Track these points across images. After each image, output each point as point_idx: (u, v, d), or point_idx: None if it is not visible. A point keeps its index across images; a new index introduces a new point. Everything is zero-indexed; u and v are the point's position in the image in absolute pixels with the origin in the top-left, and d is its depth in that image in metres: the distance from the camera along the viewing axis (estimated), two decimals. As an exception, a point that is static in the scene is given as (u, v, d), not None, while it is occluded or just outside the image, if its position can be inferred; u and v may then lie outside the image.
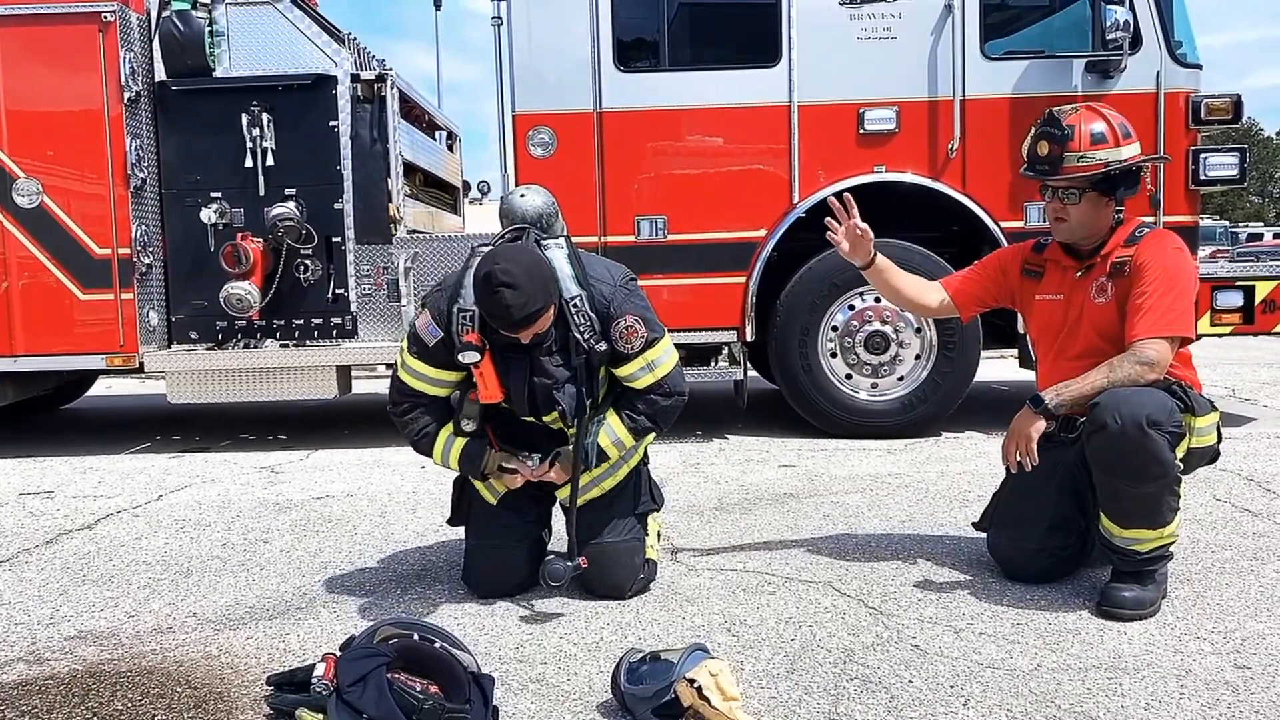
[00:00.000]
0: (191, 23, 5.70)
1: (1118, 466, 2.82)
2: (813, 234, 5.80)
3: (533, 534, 3.22)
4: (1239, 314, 5.72)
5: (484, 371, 2.91)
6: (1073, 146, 3.03)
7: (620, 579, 3.08)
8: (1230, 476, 4.44)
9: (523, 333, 2.82)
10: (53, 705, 2.44)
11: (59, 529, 4.17)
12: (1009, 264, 3.38)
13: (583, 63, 5.68)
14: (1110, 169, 3.02)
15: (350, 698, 2.14)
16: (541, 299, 2.77)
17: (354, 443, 6.02)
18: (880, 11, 5.65)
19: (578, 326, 2.91)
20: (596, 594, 3.08)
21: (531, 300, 2.73)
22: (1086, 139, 3.03)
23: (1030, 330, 3.36)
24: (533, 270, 2.78)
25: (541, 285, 2.78)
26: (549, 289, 2.81)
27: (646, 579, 3.15)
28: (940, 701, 2.33)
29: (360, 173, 5.83)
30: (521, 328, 2.78)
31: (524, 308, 2.72)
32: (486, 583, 3.15)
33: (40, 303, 5.70)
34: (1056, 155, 3.05)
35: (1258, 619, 2.80)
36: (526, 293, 2.72)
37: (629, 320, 2.95)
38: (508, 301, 2.70)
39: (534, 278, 2.76)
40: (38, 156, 5.65)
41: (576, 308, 2.91)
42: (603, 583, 3.08)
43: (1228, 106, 5.64)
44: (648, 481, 3.24)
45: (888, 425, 5.77)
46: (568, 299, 2.91)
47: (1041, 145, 3.10)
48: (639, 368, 3.01)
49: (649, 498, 3.22)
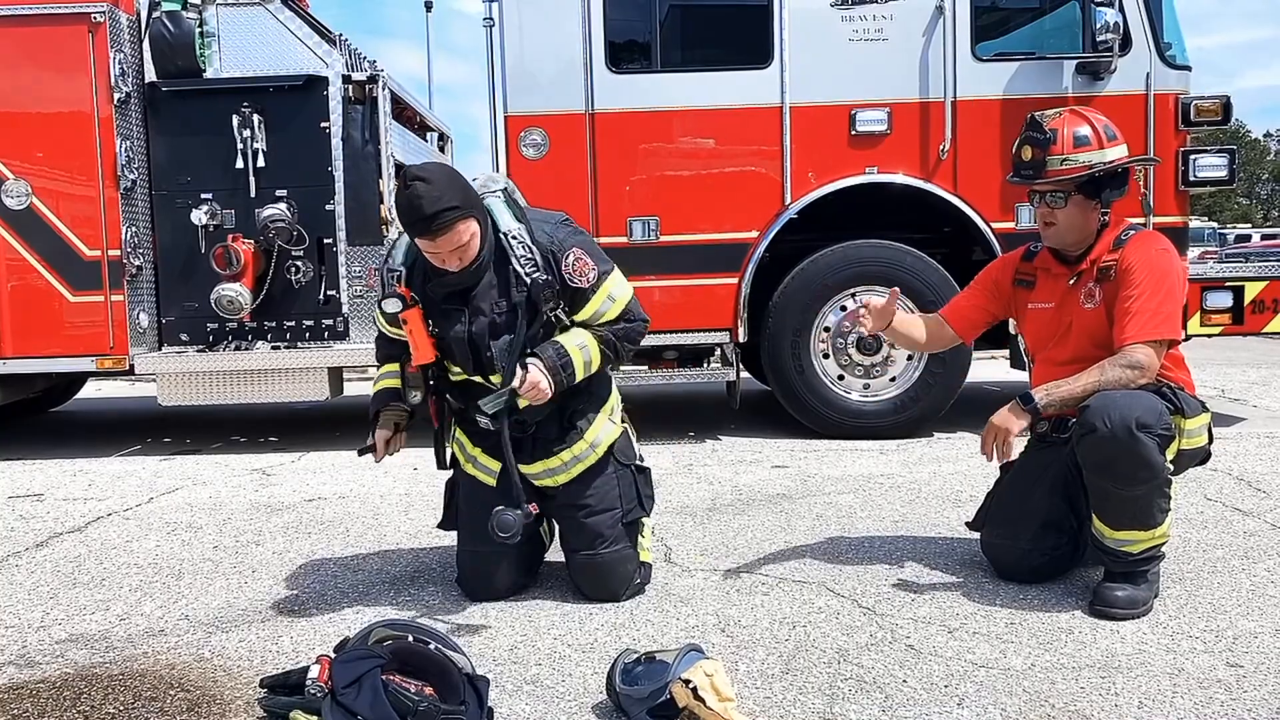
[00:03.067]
0: (182, 23, 5.69)
1: (1108, 469, 2.83)
2: (805, 235, 5.85)
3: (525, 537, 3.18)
4: (1229, 314, 5.76)
5: (413, 328, 2.90)
6: (1055, 150, 3.03)
7: (614, 587, 3.08)
8: (1221, 476, 4.47)
9: (439, 241, 2.73)
10: (44, 709, 2.43)
11: (49, 532, 4.15)
12: (1001, 276, 3.38)
13: (574, 64, 5.68)
14: (1094, 171, 3.02)
15: (345, 699, 2.14)
16: (457, 199, 2.72)
17: (346, 444, 6.00)
18: (872, 13, 5.66)
19: (518, 258, 2.86)
20: (592, 599, 3.08)
21: (445, 196, 2.68)
22: (1069, 142, 3.03)
23: (1024, 337, 3.37)
24: (452, 176, 2.78)
25: (459, 190, 2.75)
26: (469, 197, 2.78)
27: (642, 583, 3.14)
28: (934, 701, 2.34)
29: (352, 174, 5.82)
30: (435, 230, 2.70)
31: (436, 202, 2.66)
32: (478, 587, 3.14)
33: (29, 305, 5.68)
34: (1040, 159, 3.06)
35: (1249, 617, 2.81)
36: (439, 188, 2.68)
37: (577, 253, 2.91)
38: (419, 193, 2.66)
39: (452, 182, 2.75)
40: (27, 158, 5.63)
41: (516, 238, 2.88)
42: (598, 591, 3.08)
43: (1217, 108, 5.67)
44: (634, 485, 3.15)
45: (880, 426, 5.78)
46: (505, 232, 2.88)
47: (1025, 150, 3.10)
48: (601, 302, 2.95)
49: (638, 506, 3.15)
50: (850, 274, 5.73)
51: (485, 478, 3.14)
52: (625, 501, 3.13)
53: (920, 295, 5.69)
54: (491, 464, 3.13)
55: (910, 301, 5.70)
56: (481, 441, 3.14)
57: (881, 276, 5.70)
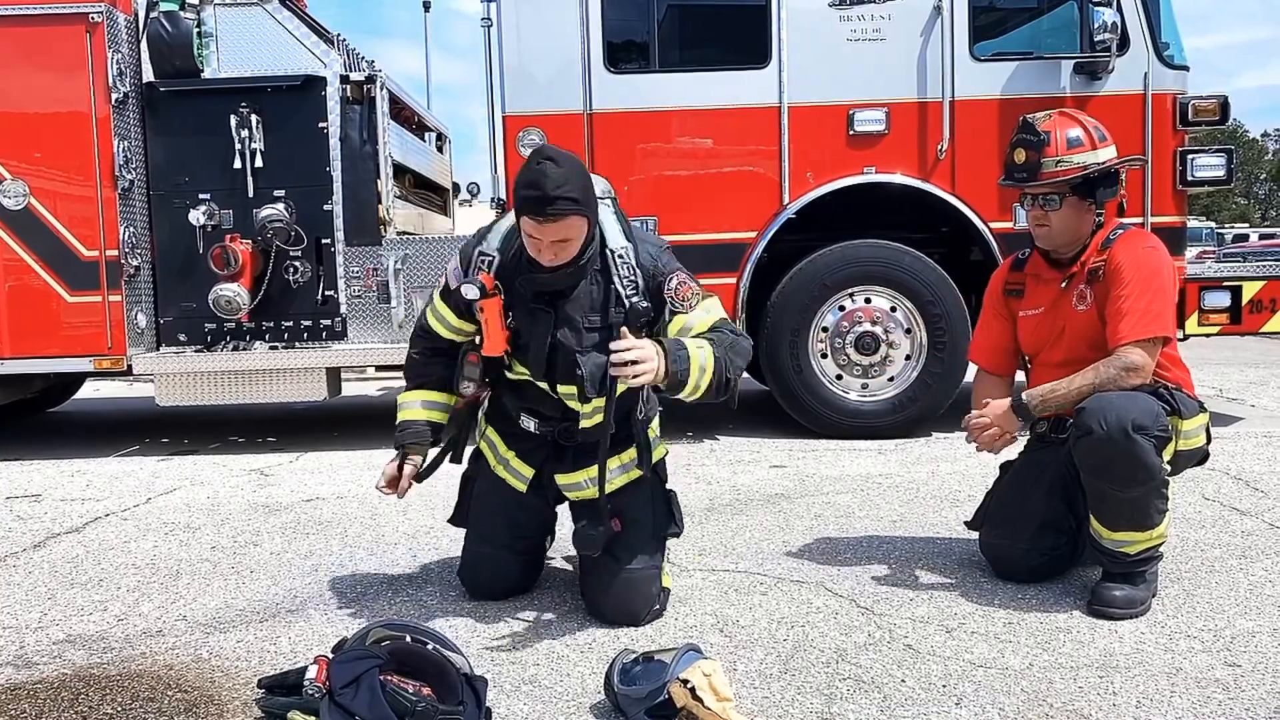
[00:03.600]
0: (179, 23, 5.67)
1: (1104, 471, 2.83)
2: (803, 235, 5.85)
3: (535, 543, 3.17)
4: (1226, 314, 5.75)
5: (489, 317, 2.76)
6: (1050, 152, 3.04)
7: (637, 607, 2.87)
8: (1219, 476, 4.47)
9: (548, 227, 2.61)
10: (41, 710, 2.42)
11: (47, 532, 4.14)
12: (996, 296, 3.38)
13: (572, 64, 5.68)
14: (1089, 172, 3.03)
15: (343, 700, 2.13)
16: (579, 191, 2.60)
17: (344, 445, 6.00)
18: (870, 13, 5.67)
19: (622, 279, 2.75)
20: (608, 620, 2.87)
21: (569, 183, 2.56)
22: (1063, 143, 3.04)
23: (1020, 344, 3.35)
24: (582, 168, 2.66)
25: (585, 184, 2.63)
26: (589, 195, 2.66)
27: (660, 608, 2.94)
28: (933, 701, 2.34)
29: (350, 174, 5.80)
30: (551, 213, 2.57)
31: (559, 185, 2.54)
32: (481, 586, 3.11)
33: (27, 305, 5.66)
34: (1034, 161, 3.06)
35: (1247, 617, 2.82)
36: (567, 174, 2.57)
37: (680, 277, 2.79)
38: (548, 172, 2.55)
39: (580, 171, 2.63)
40: (24, 158, 5.61)
41: (622, 258, 2.76)
42: (619, 610, 2.87)
43: (1215, 108, 5.67)
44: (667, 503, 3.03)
45: (878, 426, 5.78)
46: (613, 249, 2.77)
47: (1019, 153, 3.10)
48: (695, 315, 2.79)
49: (672, 521, 3.01)
50: (848, 274, 5.73)
51: (515, 482, 3.06)
52: (658, 516, 2.99)
53: (918, 295, 5.71)
54: (524, 470, 3.05)
55: (909, 302, 5.72)
56: (516, 444, 3.06)
57: (880, 276, 5.72)
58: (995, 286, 3.39)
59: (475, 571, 3.13)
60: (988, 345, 3.40)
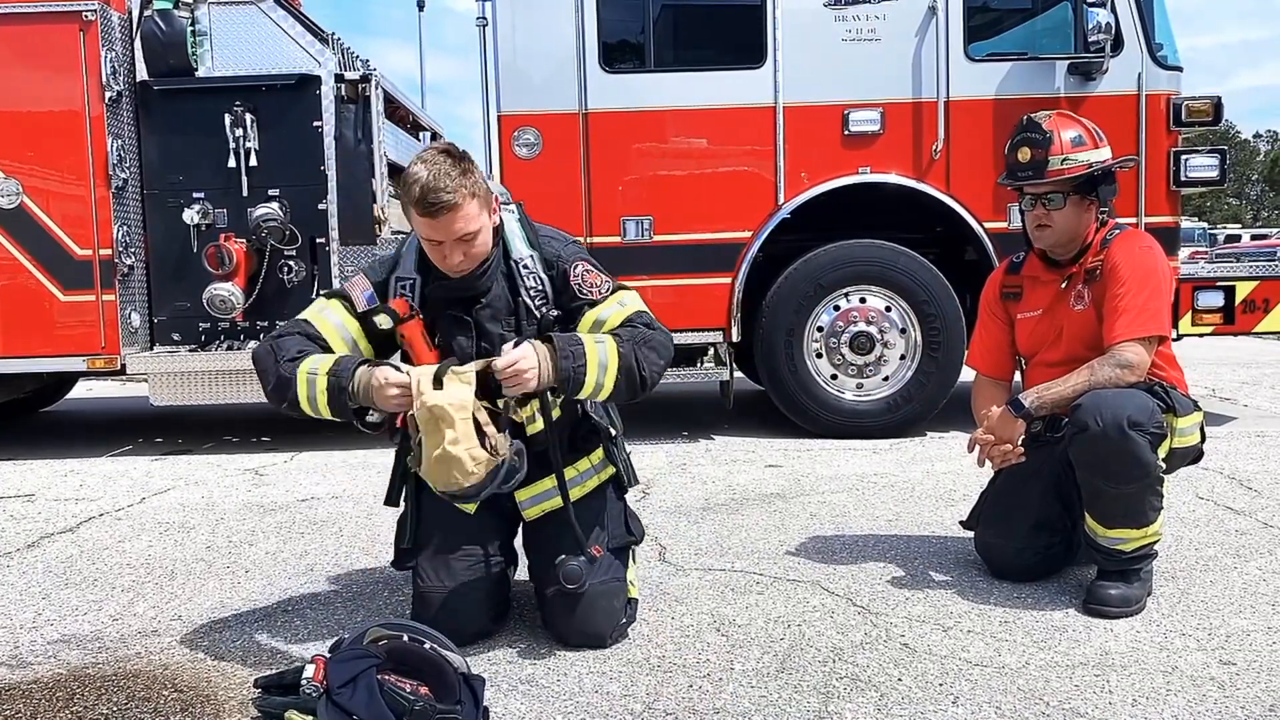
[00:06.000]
0: (174, 22, 5.66)
1: (1100, 468, 2.84)
2: (798, 235, 5.86)
3: (495, 573, 2.81)
4: (1220, 314, 5.79)
5: (412, 340, 2.63)
6: (1055, 150, 3.05)
7: (600, 626, 2.68)
8: (1212, 475, 4.48)
9: (444, 218, 2.50)
10: (36, 710, 2.42)
11: (40, 532, 4.13)
12: (992, 301, 3.39)
13: (568, 64, 5.68)
14: (1094, 170, 3.04)
15: (340, 699, 2.13)
16: (459, 175, 2.51)
17: (339, 445, 5.98)
18: (865, 13, 5.67)
19: (528, 290, 2.70)
20: (572, 644, 2.68)
21: (446, 172, 2.49)
22: (1067, 143, 3.06)
23: (1018, 346, 3.35)
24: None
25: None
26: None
27: (628, 623, 2.77)
28: (929, 699, 2.34)
29: (344, 173, 5.79)
30: (438, 205, 2.48)
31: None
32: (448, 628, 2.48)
33: (20, 304, 5.64)
34: (1040, 160, 3.07)
35: (1242, 615, 2.83)
36: (440, 165, 2.50)
37: (585, 265, 2.71)
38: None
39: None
40: (17, 157, 5.59)
41: (527, 269, 2.71)
42: (580, 631, 2.68)
43: (1208, 108, 5.70)
44: (623, 512, 2.87)
45: (873, 425, 5.79)
46: (517, 259, 2.71)
47: (1023, 151, 3.11)
48: (608, 307, 2.67)
49: (624, 530, 2.84)
50: (844, 274, 5.74)
51: (464, 505, 2.72)
52: (613, 527, 2.82)
53: (913, 295, 5.72)
54: None
55: (904, 302, 5.73)
56: None
57: (875, 276, 5.73)
58: (991, 290, 3.40)
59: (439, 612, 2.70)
60: (985, 350, 3.41)
